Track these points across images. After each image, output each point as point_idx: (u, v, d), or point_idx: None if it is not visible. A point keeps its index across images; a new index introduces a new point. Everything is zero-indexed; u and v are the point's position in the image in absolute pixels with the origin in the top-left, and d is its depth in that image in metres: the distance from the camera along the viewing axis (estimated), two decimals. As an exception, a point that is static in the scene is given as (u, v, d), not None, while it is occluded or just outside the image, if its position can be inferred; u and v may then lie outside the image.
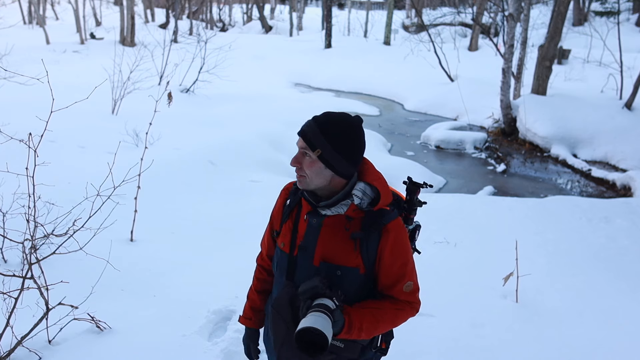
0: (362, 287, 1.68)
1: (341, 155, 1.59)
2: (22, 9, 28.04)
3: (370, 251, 1.63)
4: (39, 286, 2.81)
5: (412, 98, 14.51)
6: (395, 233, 1.64)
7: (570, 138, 9.60)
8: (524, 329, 3.42)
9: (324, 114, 1.64)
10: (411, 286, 1.68)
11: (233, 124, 8.81)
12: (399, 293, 1.67)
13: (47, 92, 3.06)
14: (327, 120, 1.61)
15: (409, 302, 1.69)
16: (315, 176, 1.61)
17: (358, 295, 1.68)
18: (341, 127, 1.61)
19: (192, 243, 4.50)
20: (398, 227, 1.65)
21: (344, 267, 1.63)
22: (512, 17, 10.61)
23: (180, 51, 12.83)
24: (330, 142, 1.58)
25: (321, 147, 1.58)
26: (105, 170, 3.54)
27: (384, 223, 1.62)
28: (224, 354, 2.96)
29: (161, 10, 34.58)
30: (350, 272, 1.64)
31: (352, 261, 1.63)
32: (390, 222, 1.63)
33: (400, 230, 1.66)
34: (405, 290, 1.67)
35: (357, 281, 1.66)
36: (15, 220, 3.43)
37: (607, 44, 13.88)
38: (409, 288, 1.68)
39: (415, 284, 1.71)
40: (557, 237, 4.99)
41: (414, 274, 1.70)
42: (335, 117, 1.63)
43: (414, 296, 1.71)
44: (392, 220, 1.64)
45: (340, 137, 1.60)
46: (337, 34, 26.26)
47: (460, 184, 8.14)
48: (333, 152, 1.58)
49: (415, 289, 1.71)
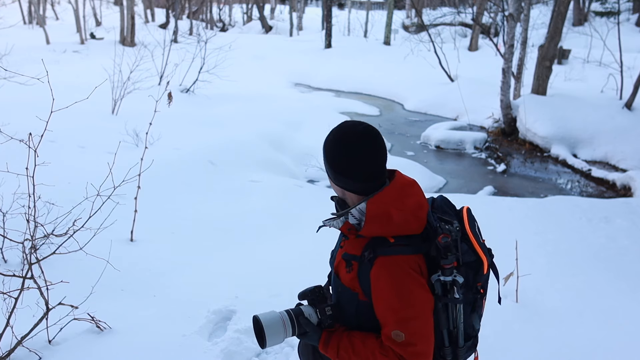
0: (364, 315, 1.53)
1: (332, 169, 1.53)
2: (22, 9, 28.03)
3: (366, 280, 1.48)
4: (39, 286, 2.81)
5: (412, 98, 14.52)
6: (385, 270, 1.43)
7: (570, 138, 9.60)
8: (524, 329, 3.42)
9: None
10: (402, 337, 1.41)
11: (233, 124, 8.81)
12: (386, 339, 1.45)
13: (47, 92, 3.06)
14: (327, 135, 1.56)
15: (399, 355, 1.43)
16: (335, 191, 1.60)
17: (360, 321, 1.54)
18: (330, 140, 1.53)
19: (192, 243, 4.50)
20: (391, 264, 1.43)
21: (343, 286, 1.56)
22: (512, 17, 10.61)
23: (180, 51, 12.83)
24: (325, 156, 1.55)
25: (324, 162, 1.57)
26: (105, 170, 3.54)
27: (375, 255, 1.44)
28: (224, 354, 2.96)
29: (161, 10, 34.57)
30: (348, 293, 1.54)
31: (349, 281, 1.54)
32: (382, 255, 1.44)
33: (392, 269, 1.42)
34: (395, 338, 1.43)
35: (354, 305, 1.53)
36: (15, 220, 3.43)
37: (607, 44, 13.88)
38: (398, 338, 1.42)
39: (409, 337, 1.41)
40: (557, 237, 4.99)
41: (409, 326, 1.42)
42: (332, 130, 1.55)
43: (405, 351, 1.41)
44: (386, 254, 1.43)
45: (329, 150, 1.52)
46: (337, 34, 26.26)
47: (460, 184, 8.14)
48: (327, 166, 1.55)
49: (408, 343, 1.41)
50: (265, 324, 1.53)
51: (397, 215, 1.44)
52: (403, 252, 1.44)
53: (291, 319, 1.55)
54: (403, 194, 1.49)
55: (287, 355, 3.04)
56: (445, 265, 1.44)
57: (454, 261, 1.45)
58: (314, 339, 1.56)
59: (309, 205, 5.72)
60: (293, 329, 1.55)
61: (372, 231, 1.46)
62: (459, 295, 1.47)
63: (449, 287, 1.46)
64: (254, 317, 1.56)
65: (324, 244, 2.98)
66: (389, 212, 1.44)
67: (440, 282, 1.46)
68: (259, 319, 1.54)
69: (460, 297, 1.47)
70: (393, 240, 1.45)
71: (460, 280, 1.46)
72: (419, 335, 1.43)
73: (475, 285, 1.54)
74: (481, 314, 1.61)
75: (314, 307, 1.59)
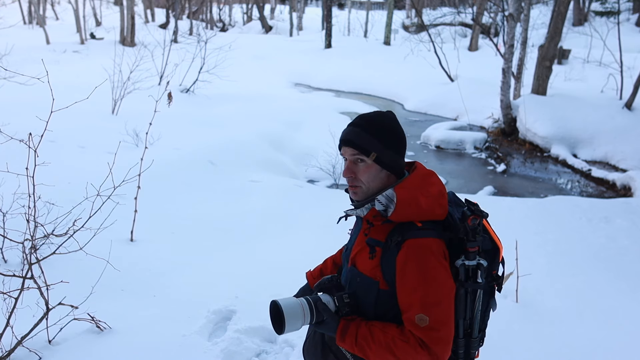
0: (384, 305, 1.53)
1: (392, 150, 1.56)
2: (22, 9, 28.04)
3: (390, 267, 1.49)
4: (39, 286, 2.81)
5: (412, 98, 14.52)
6: (413, 252, 1.46)
7: (570, 138, 9.60)
8: (524, 329, 3.42)
9: (360, 118, 1.60)
10: (426, 321, 1.43)
11: (233, 124, 8.81)
12: (409, 323, 1.46)
13: (47, 92, 3.06)
14: (370, 122, 1.57)
15: (421, 339, 1.44)
16: (372, 181, 1.56)
17: (379, 311, 1.54)
18: (384, 124, 1.58)
19: (192, 243, 4.50)
20: (420, 247, 1.46)
21: (362, 275, 1.55)
22: (512, 17, 10.61)
23: (180, 51, 12.83)
24: (381, 141, 1.55)
25: (375, 149, 1.54)
26: (105, 170, 3.54)
27: (405, 238, 1.47)
28: (224, 354, 2.96)
29: (161, 10, 34.58)
30: (367, 282, 1.54)
31: (369, 270, 1.53)
32: (411, 238, 1.47)
33: (421, 252, 1.46)
34: (418, 323, 1.44)
35: (374, 294, 1.53)
36: (15, 220, 3.43)
37: (607, 44, 13.88)
38: (422, 322, 1.44)
39: (433, 321, 1.43)
40: (557, 237, 4.99)
41: (433, 310, 1.44)
42: (374, 116, 1.59)
43: (429, 335, 1.43)
44: (415, 237, 1.47)
45: (388, 133, 1.56)
46: (337, 34, 26.27)
47: (460, 184, 8.14)
48: (386, 150, 1.55)
49: (432, 327, 1.43)
50: (285, 309, 1.49)
51: (424, 201, 1.50)
52: (430, 235, 1.48)
53: (310, 305, 1.53)
54: (427, 182, 1.56)
55: (287, 355, 3.04)
56: (470, 249, 1.49)
57: (478, 245, 1.50)
58: (331, 328, 1.52)
59: (309, 205, 5.72)
60: (311, 316, 1.52)
61: (403, 215, 1.49)
62: (482, 280, 1.51)
63: (471, 272, 1.50)
64: (273, 302, 1.53)
65: (323, 243, 2.98)
66: (417, 197, 1.50)
67: (465, 267, 1.50)
68: (278, 303, 1.50)
69: (483, 282, 1.52)
70: (420, 224, 1.49)
71: (485, 264, 1.51)
72: (443, 320, 1.45)
73: (491, 273, 1.58)
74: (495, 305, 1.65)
75: (331, 295, 1.58)
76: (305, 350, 1.81)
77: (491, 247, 1.57)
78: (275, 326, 1.52)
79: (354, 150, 1.55)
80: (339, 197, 6.12)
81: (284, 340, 3.15)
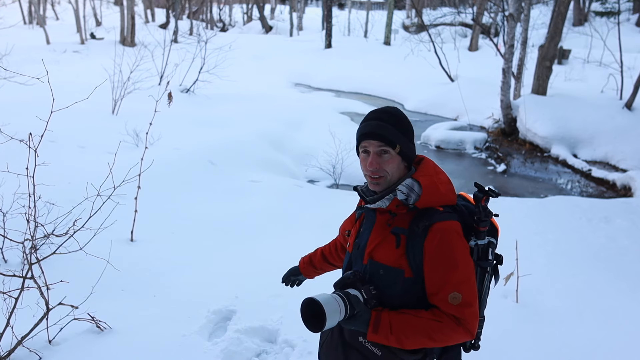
0: (409, 293, 1.57)
1: (411, 142, 1.65)
2: (22, 9, 28.05)
3: (417, 253, 1.54)
4: (39, 286, 2.81)
5: (412, 98, 14.52)
6: (442, 235, 1.53)
7: (571, 138, 9.60)
8: (524, 329, 3.42)
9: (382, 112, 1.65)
10: (459, 299, 1.50)
11: (233, 124, 8.81)
12: (442, 303, 1.52)
13: (47, 92, 3.06)
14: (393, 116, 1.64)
15: (455, 317, 1.51)
16: (395, 171, 1.62)
17: (404, 300, 1.57)
18: (404, 118, 1.66)
19: (192, 243, 4.50)
20: (448, 229, 1.54)
21: (386, 267, 1.58)
22: (512, 17, 10.61)
23: (180, 51, 12.83)
24: (404, 134, 1.62)
25: (400, 142, 1.60)
26: (105, 170, 3.54)
27: (432, 222, 1.54)
28: (224, 354, 2.96)
29: (161, 10, 34.59)
30: (392, 272, 1.57)
31: (394, 261, 1.57)
32: (438, 221, 1.54)
33: (449, 234, 1.53)
34: (451, 302, 1.51)
35: (399, 284, 1.57)
36: (16, 220, 3.43)
37: (607, 44, 13.88)
38: (455, 300, 1.50)
39: (466, 298, 1.51)
40: (557, 237, 4.99)
41: (464, 287, 1.52)
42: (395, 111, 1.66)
43: (462, 312, 1.51)
44: (442, 220, 1.54)
45: (407, 126, 1.65)
46: (337, 34, 26.27)
47: (460, 184, 8.14)
48: (408, 142, 1.64)
49: (465, 303, 1.51)
50: (325, 305, 1.45)
51: (442, 187, 1.60)
52: (454, 218, 1.58)
53: (343, 299, 1.51)
54: (437, 170, 1.67)
55: (287, 355, 3.04)
56: (482, 228, 1.59)
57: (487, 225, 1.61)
58: (363, 321, 1.52)
59: (309, 205, 5.72)
60: (346, 310, 1.50)
61: (429, 201, 1.56)
62: (491, 257, 1.63)
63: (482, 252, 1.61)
64: (308, 299, 1.49)
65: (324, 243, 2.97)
66: (437, 184, 1.59)
67: (478, 246, 1.60)
68: (316, 300, 1.47)
69: (492, 259, 1.63)
70: (442, 209, 1.57)
71: (495, 242, 1.63)
72: (473, 296, 1.54)
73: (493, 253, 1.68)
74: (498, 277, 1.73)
75: (357, 289, 1.58)
76: (323, 355, 1.80)
77: (492, 228, 1.67)
78: (312, 323, 1.48)
79: (380, 143, 1.60)
80: (339, 197, 6.12)
81: (284, 340, 3.15)
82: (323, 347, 1.81)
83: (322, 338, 1.83)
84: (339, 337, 1.72)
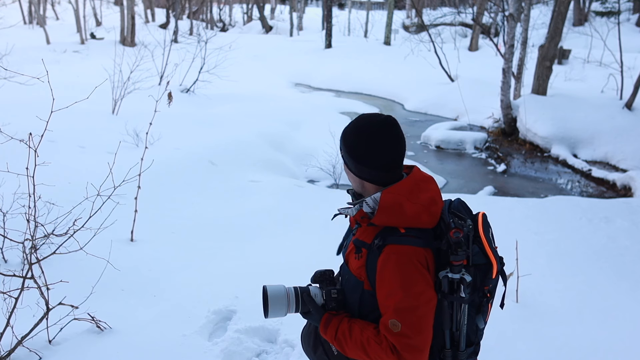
0: (366, 304, 1.55)
1: (353, 158, 1.55)
2: (22, 9, 28.05)
3: (373, 268, 1.50)
4: (39, 286, 2.81)
5: (412, 98, 14.51)
6: (393, 258, 1.44)
7: (571, 138, 9.60)
8: (524, 329, 3.42)
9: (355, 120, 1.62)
10: (398, 327, 1.42)
11: (233, 124, 8.81)
12: (384, 327, 1.45)
13: (47, 92, 3.06)
14: (346, 126, 1.61)
15: (392, 345, 1.43)
16: (357, 187, 1.62)
17: (362, 311, 1.56)
18: (350, 129, 1.58)
19: (192, 243, 4.50)
20: (400, 253, 1.45)
21: (350, 274, 1.59)
22: (513, 17, 10.61)
23: (180, 51, 12.83)
24: (345, 145, 1.58)
25: (342, 154, 1.59)
26: (105, 170, 3.54)
27: (386, 243, 1.47)
28: (224, 354, 2.96)
29: (161, 10, 34.59)
30: (354, 280, 1.57)
31: (356, 270, 1.56)
32: (392, 244, 1.46)
33: (399, 259, 1.44)
34: (391, 327, 1.43)
35: (358, 294, 1.56)
36: (16, 220, 3.43)
37: (608, 44, 13.88)
38: (395, 328, 1.42)
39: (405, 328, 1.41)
40: (557, 237, 4.99)
41: (405, 316, 1.41)
42: (352, 121, 1.61)
43: (399, 341, 1.41)
44: (396, 243, 1.46)
45: (350, 139, 1.56)
46: (337, 34, 26.28)
47: (460, 184, 8.14)
48: (347, 157, 1.58)
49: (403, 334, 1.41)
50: (270, 295, 1.59)
51: (409, 207, 1.47)
52: (412, 243, 1.46)
53: (296, 295, 1.61)
54: (418, 188, 1.53)
55: (287, 355, 3.04)
56: (454, 262, 1.44)
57: (463, 259, 1.45)
58: (315, 319, 1.60)
59: (309, 206, 5.71)
60: (296, 306, 1.60)
61: (383, 220, 1.49)
62: (465, 295, 1.46)
63: (456, 285, 1.46)
64: (263, 286, 1.63)
65: (324, 243, 2.97)
66: (402, 203, 1.47)
67: (448, 279, 1.45)
68: (266, 289, 1.61)
69: (467, 297, 1.46)
70: (404, 231, 1.48)
71: (468, 279, 1.45)
72: (415, 328, 1.42)
73: (482, 288, 1.53)
74: (486, 320, 1.59)
75: (320, 289, 1.64)
76: (302, 335, 1.86)
77: (484, 262, 1.51)
78: (263, 309, 1.60)
79: None
80: (339, 197, 6.12)
81: (284, 340, 3.15)
82: (305, 328, 1.86)
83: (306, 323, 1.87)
84: (314, 327, 1.77)
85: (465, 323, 1.52)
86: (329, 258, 2.11)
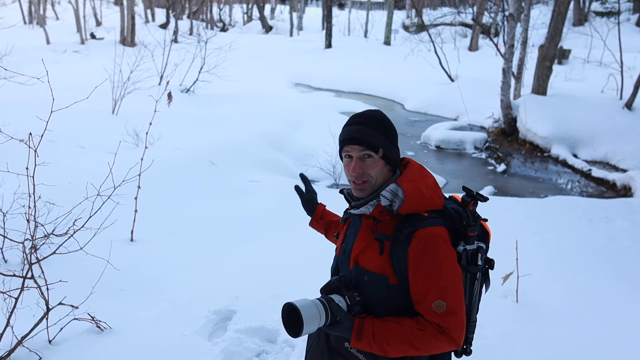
0: (393, 300, 1.55)
1: (394, 145, 1.63)
2: (22, 9, 28.06)
3: (401, 259, 1.51)
4: (39, 286, 2.81)
5: (412, 98, 14.51)
6: (426, 241, 1.49)
7: (571, 138, 9.60)
8: (524, 329, 3.42)
9: (362, 116, 1.63)
10: (443, 307, 1.46)
11: (233, 124, 8.80)
12: (426, 311, 1.49)
13: (47, 92, 3.06)
14: (374, 119, 1.62)
15: (439, 326, 1.47)
16: (379, 176, 1.59)
17: (389, 307, 1.55)
18: (386, 120, 1.64)
19: (192, 243, 4.50)
20: (431, 235, 1.49)
21: (370, 273, 1.56)
22: (513, 17, 10.61)
23: (180, 51, 12.83)
24: (386, 137, 1.60)
25: (382, 146, 1.58)
26: (105, 170, 3.54)
27: (415, 228, 1.50)
28: (224, 354, 2.96)
29: (161, 10, 34.59)
30: (377, 278, 1.54)
31: (378, 267, 1.54)
32: (422, 228, 1.50)
33: (433, 240, 1.49)
34: (435, 310, 1.47)
35: (384, 291, 1.54)
36: (16, 220, 3.43)
37: (607, 44, 13.88)
38: (439, 308, 1.47)
39: (450, 306, 1.47)
40: (557, 237, 4.99)
41: (449, 295, 1.48)
42: (376, 114, 1.65)
43: (447, 320, 1.47)
44: (425, 226, 1.50)
45: (390, 129, 1.63)
46: (337, 34, 26.29)
47: (460, 184, 8.13)
48: (391, 146, 1.61)
49: (450, 312, 1.47)
50: (303, 311, 1.44)
51: (426, 192, 1.55)
52: (439, 223, 1.53)
53: (324, 305, 1.49)
54: (423, 174, 1.62)
55: (287, 355, 3.04)
56: (471, 233, 1.54)
57: (476, 230, 1.56)
58: (346, 328, 1.50)
59: (309, 205, 5.70)
60: (326, 317, 1.48)
61: (412, 207, 1.52)
62: (481, 263, 1.58)
63: (471, 257, 1.56)
64: (287, 304, 1.48)
65: (324, 243, 2.98)
66: (420, 188, 1.55)
67: (466, 252, 1.55)
68: (294, 305, 1.46)
69: (482, 264, 1.58)
70: (427, 214, 1.53)
71: (484, 247, 1.58)
72: (459, 304, 1.50)
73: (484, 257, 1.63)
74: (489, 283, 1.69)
75: (341, 295, 1.56)
76: (310, 354, 1.79)
77: (482, 232, 1.63)
78: (292, 328, 1.47)
79: (362, 147, 1.57)
80: (339, 197, 6.10)
81: (284, 340, 3.15)
82: (310, 350, 1.80)
83: (309, 342, 1.81)
84: (325, 342, 1.71)
85: (477, 292, 1.61)
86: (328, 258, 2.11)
